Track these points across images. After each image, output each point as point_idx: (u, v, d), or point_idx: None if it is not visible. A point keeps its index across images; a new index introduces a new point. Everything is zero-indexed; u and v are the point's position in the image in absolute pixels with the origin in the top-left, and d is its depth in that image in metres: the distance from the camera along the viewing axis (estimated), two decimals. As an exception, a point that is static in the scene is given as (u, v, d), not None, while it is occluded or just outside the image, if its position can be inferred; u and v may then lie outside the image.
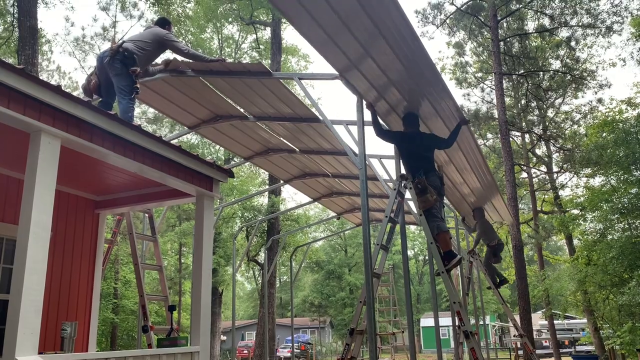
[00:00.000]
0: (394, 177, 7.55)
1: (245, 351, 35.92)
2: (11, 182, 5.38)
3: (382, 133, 6.95)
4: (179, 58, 6.32)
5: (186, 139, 24.69)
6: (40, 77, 3.88)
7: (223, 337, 35.04)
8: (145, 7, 23.33)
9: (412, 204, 9.86)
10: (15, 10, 12.51)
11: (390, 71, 5.79)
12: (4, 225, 5.25)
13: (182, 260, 28.19)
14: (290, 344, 36.66)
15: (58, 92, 3.83)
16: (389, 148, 11.17)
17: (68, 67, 61.42)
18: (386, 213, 6.84)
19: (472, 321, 16.31)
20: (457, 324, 6.59)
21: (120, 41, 5.71)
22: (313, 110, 7.44)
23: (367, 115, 6.82)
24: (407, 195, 7.25)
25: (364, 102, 6.43)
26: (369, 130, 7.10)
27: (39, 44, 11.95)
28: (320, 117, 6.53)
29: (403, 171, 7.19)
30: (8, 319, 3.41)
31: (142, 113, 23.56)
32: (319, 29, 5.02)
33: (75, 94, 4.61)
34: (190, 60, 6.26)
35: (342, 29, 4.98)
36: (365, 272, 5.76)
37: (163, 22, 6.23)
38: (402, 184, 7.00)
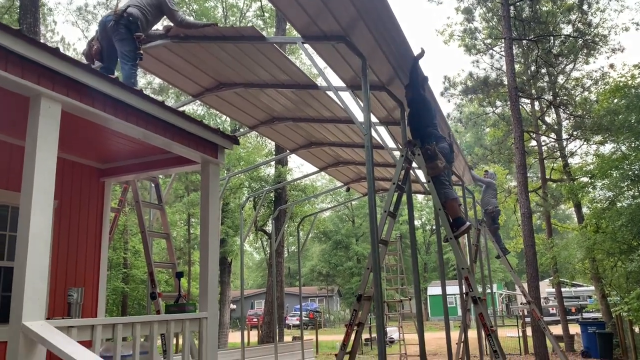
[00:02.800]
0: (401, 145, 7.46)
1: (255, 319, 36.47)
2: (15, 150, 5.34)
3: (417, 87, 6.75)
4: None
5: (192, 109, 24.58)
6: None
7: (233, 306, 35.58)
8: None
9: (420, 173, 9.79)
10: (15, -22, 12.34)
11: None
12: (9, 193, 5.24)
13: (191, 231, 28.38)
14: (299, 313, 37.23)
15: (57, 55, 3.74)
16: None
17: (72, 38, 61.01)
18: (393, 180, 6.77)
19: (480, 289, 16.39)
20: (465, 290, 6.59)
21: (125, 6, 5.59)
22: (319, 78, 7.31)
23: (371, 81, 6.71)
24: (414, 164, 7.18)
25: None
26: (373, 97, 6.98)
27: (40, 12, 11.79)
28: (326, 84, 6.41)
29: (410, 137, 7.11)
30: (14, 285, 3.41)
31: (148, 83, 23.41)
32: None
33: (77, 60, 4.52)
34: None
35: None
36: (371, 239, 5.72)
37: None
38: (410, 151, 6.92)
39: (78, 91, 3.93)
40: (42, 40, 10.97)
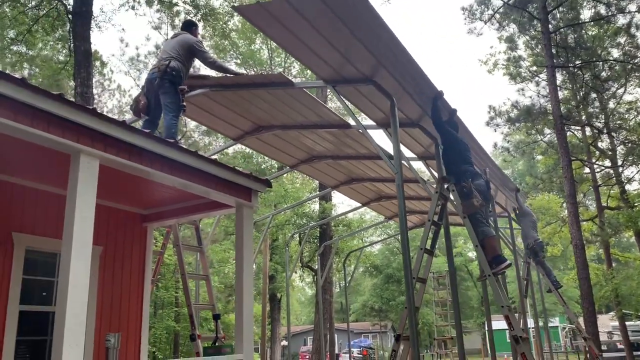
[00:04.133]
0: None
1: (308, 356, 36.12)
2: (64, 200, 5.69)
3: (441, 125, 6.78)
4: (210, 72, 6.47)
5: (240, 148, 25.19)
6: (94, 98, 4.16)
7: (284, 342, 35.46)
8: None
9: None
10: (71, 36, 13.31)
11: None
12: (59, 242, 5.55)
13: (242, 268, 28.62)
14: (353, 349, 36.52)
15: (95, 115, 4.03)
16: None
17: (127, 85, 64.30)
18: (429, 216, 6.76)
19: (540, 323, 15.72)
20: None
21: (166, 59, 5.85)
22: (348, 119, 7.46)
23: (400, 118, 6.78)
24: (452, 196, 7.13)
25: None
26: (403, 134, 7.02)
27: (93, 66, 12.61)
28: (355, 123, 6.55)
29: (444, 173, 7.10)
30: (55, 331, 3.62)
31: (196, 126, 24.27)
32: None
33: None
34: (220, 74, 6.41)
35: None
36: (405, 277, 5.70)
37: (190, 25, 6.29)
38: (445, 187, 6.90)
39: (115, 147, 4.21)
40: (92, 90, 11.74)
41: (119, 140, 4.24)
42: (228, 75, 6.45)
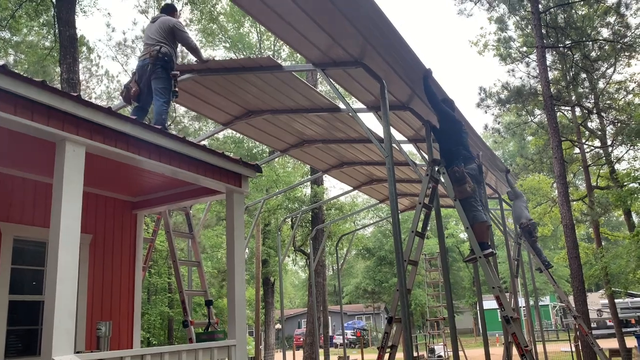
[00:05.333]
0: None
1: (302, 339, 36.43)
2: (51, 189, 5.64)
3: (437, 103, 6.69)
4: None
5: (230, 134, 25.05)
6: (82, 84, 4.07)
7: (278, 326, 35.70)
8: (180, 8, 23.60)
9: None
10: (55, 21, 13.07)
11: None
12: (47, 231, 5.51)
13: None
14: (347, 331, 36.88)
15: (79, 102, 3.96)
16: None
17: (115, 70, 63.55)
18: (419, 199, 6.76)
19: (531, 302, 15.95)
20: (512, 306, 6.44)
21: (157, 46, 5.76)
22: (338, 103, 7.41)
23: (391, 101, 6.74)
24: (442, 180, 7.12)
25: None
26: (393, 117, 6.99)
27: (79, 51, 12.41)
28: (345, 107, 6.50)
29: (435, 156, 7.09)
30: (44, 320, 3.60)
31: (186, 112, 24.06)
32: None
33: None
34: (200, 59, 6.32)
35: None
36: (396, 260, 5.71)
37: (171, 9, 6.22)
38: (435, 169, 6.89)
39: (101, 134, 4.15)
40: (79, 76, 11.56)
41: (105, 127, 4.18)
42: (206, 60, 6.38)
